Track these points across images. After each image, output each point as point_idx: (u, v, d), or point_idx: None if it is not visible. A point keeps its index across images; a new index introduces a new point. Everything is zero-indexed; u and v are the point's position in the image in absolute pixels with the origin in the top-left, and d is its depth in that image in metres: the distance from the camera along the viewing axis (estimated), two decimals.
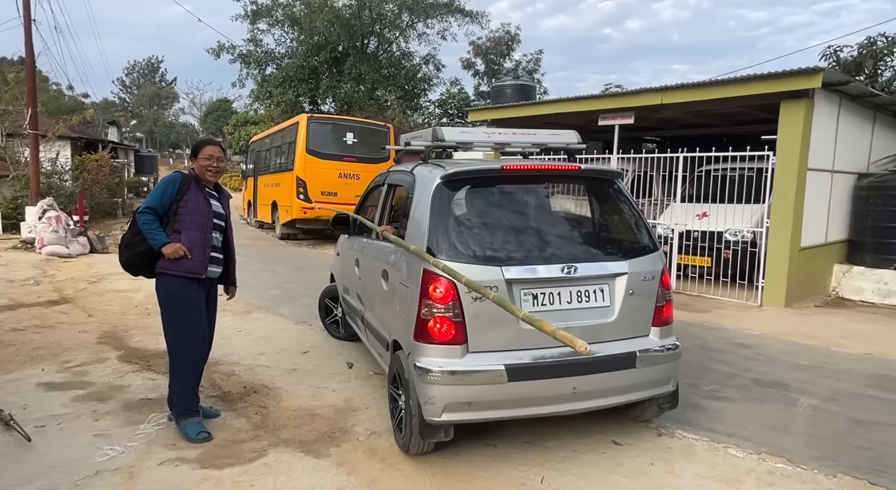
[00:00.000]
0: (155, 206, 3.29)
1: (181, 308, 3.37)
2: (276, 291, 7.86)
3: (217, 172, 3.45)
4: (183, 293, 3.35)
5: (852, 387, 4.41)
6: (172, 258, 3.26)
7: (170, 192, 3.31)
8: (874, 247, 8.15)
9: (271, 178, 16.02)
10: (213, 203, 3.46)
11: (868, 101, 8.50)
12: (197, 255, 3.34)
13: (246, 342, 5.33)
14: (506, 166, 3.18)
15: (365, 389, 4.19)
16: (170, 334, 3.41)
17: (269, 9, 23.49)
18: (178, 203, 3.33)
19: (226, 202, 3.59)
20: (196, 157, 3.43)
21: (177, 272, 3.31)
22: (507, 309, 2.60)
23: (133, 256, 3.38)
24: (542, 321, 2.39)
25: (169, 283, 3.34)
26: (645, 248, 3.25)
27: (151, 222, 3.28)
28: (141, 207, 3.33)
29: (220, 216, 3.52)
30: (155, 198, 3.31)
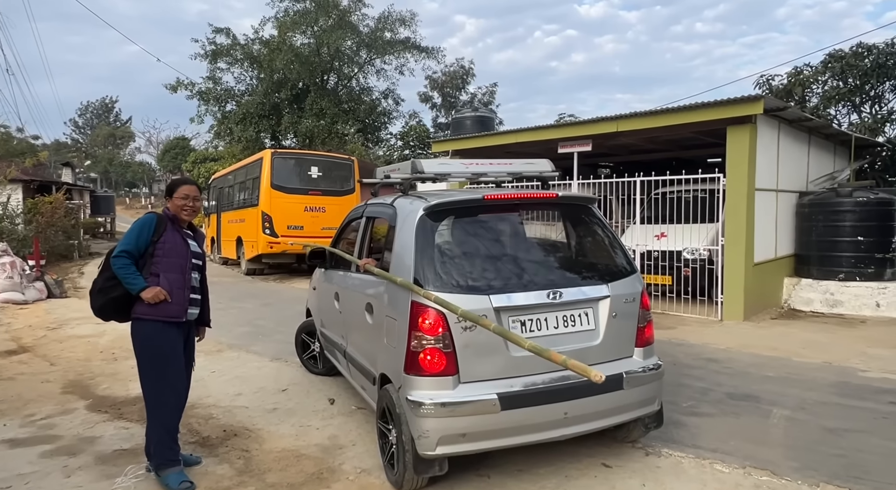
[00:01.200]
0: (130, 249, 3.19)
1: (160, 355, 3.24)
2: (247, 328, 7.69)
3: (193, 212, 3.39)
4: (162, 339, 3.23)
5: (818, 395, 4.59)
6: (152, 303, 3.16)
7: (146, 234, 3.22)
8: (819, 260, 8.59)
9: (235, 214, 15.81)
10: (191, 243, 3.40)
11: (803, 125, 9.08)
12: (177, 297, 3.24)
13: (221, 383, 5.19)
14: (487, 196, 3.26)
15: (349, 425, 4.13)
16: (147, 382, 3.26)
17: (228, 48, 23.55)
18: (155, 245, 3.24)
19: (201, 241, 3.54)
20: (171, 196, 3.36)
21: (156, 317, 3.19)
22: (510, 339, 2.62)
23: (107, 302, 3.23)
24: (550, 351, 2.41)
25: (147, 328, 3.21)
26: (624, 271, 3.36)
27: (128, 266, 3.17)
28: (115, 251, 3.21)
29: (199, 256, 3.46)
30: (130, 240, 3.20)
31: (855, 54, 12.95)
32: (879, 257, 8.17)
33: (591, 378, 2.09)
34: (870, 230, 8.14)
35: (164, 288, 3.18)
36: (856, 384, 4.88)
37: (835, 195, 8.39)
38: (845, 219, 8.24)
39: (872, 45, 12.98)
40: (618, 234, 3.59)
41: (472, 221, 3.33)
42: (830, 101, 13.20)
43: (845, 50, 13.30)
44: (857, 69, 12.65)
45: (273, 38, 22.83)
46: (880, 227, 8.18)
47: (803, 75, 13.74)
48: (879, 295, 7.96)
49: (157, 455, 3.26)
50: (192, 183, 3.45)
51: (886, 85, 12.91)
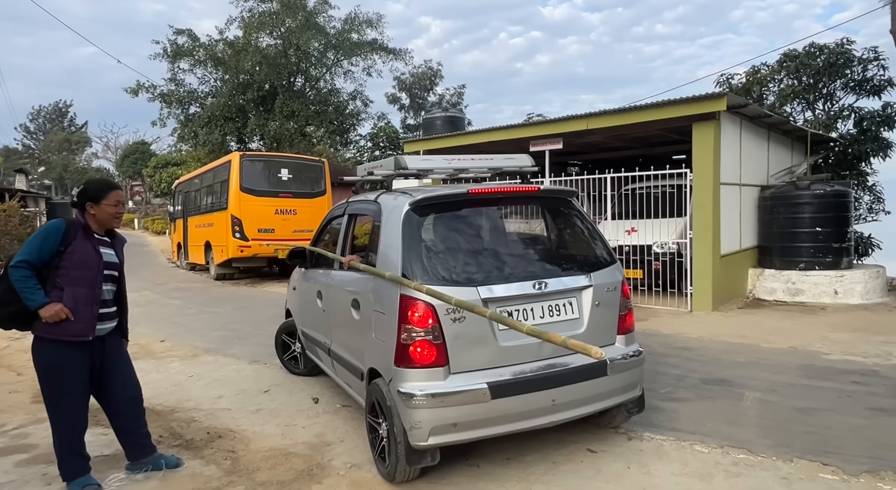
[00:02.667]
0: (32, 259, 2.89)
1: (60, 378, 2.99)
2: (222, 333, 7.58)
3: (120, 219, 3.17)
4: (63, 360, 2.97)
5: (787, 378, 4.80)
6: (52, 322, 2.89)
7: (51, 243, 2.93)
8: (781, 251, 8.94)
9: (203, 218, 15.52)
10: (105, 251, 3.12)
11: (762, 122, 9.43)
12: (82, 314, 2.96)
13: (200, 387, 5.12)
14: (471, 190, 3.32)
15: (336, 422, 4.13)
16: (48, 402, 3.05)
17: (190, 49, 23.06)
18: (62, 255, 2.94)
19: (120, 248, 3.26)
20: (98, 202, 3.05)
21: (57, 336, 2.92)
22: (508, 324, 2.67)
23: (5, 316, 2.96)
24: (548, 333, 2.47)
25: (46, 349, 2.96)
26: (604, 261, 3.46)
27: (27, 279, 2.87)
28: (14, 260, 2.90)
29: (114, 266, 3.18)
30: (32, 249, 2.90)
31: (808, 54, 13.48)
32: (836, 247, 8.55)
33: (591, 356, 2.17)
34: (827, 221, 8.51)
35: (68, 304, 2.91)
36: (820, 366, 5.11)
37: (794, 188, 8.74)
38: (804, 211, 8.60)
39: (824, 45, 13.53)
40: (597, 226, 3.70)
41: (457, 215, 3.38)
42: (786, 98, 13.70)
43: (799, 50, 13.85)
44: (810, 68, 13.17)
45: (238, 39, 22.47)
46: (836, 218, 8.56)
47: (760, 74, 14.24)
48: (837, 283, 8.33)
49: (62, 468, 3.13)
50: (118, 187, 3.25)
51: (837, 83, 13.47)
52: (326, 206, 14.51)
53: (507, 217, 3.68)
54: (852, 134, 12.73)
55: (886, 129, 12.52)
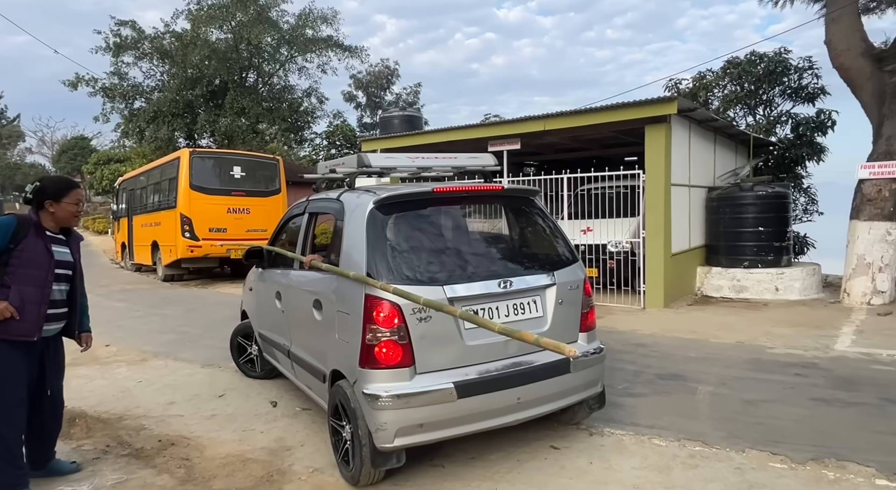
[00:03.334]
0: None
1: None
2: (172, 336, 7.30)
3: (79, 217, 3.11)
4: (3, 360, 2.85)
5: (736, 372, 5.00)
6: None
7: (0, 240, 2.83)
8: (727, 249, 9.31)
9: (150, 217, 14.93)
10: (58, 250, 3.03)
11: (709, 125, 9.81)
12: (29, 314, 2.87)
13: (150, 392, 4.91)
14: (436, 189, 3.31)
15: (295, 426, 4.04)
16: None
17: (135, 41, 22.13)
18: (11, 253, 2.86)
19: (76, 246, 3.17)
20: (59, 200, 2.98)
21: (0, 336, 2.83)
22: (480, 324, 2.66)
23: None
24: (521, 331, 2.47)
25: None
26: (566, 260, 3.51)
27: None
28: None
29: (67, 265, 3.09)
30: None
31: (749, 61, 14.10)
32: (777, 246, 8.97)
33: (564, 353, 2.18)
34: (769, 221, 8.91)
35: (14, 303, 2.83)
36: (766, 360, 5.34)
37: (739, 190, 9.12)
38: (748, 211, 8.98)
39: (763, 54, 14.20)
40: (559, 225, 3.75)
41: (422, 214, 3.36)
42: (729, 103, 14.28)
43: (741, 57, 14.48)
44: (751, 75, 13.78)
45: (186, 32, 21.71)
46: (777, 218, 8.99)
47: (706, 80, 14.80)
48: (778, 280, 8.74)
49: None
50: (79, 185, 3.17)
51: (776, 90, 14.14)
52: (281, 206, 14.20)
53: (469, 216, 3.68)
54: (790, 139, 13.39)
55: (820, 135, 13.23)
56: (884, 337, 6.08)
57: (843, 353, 5.49)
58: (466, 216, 3.57)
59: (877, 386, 4.50)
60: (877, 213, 7.74)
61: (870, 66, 8.04)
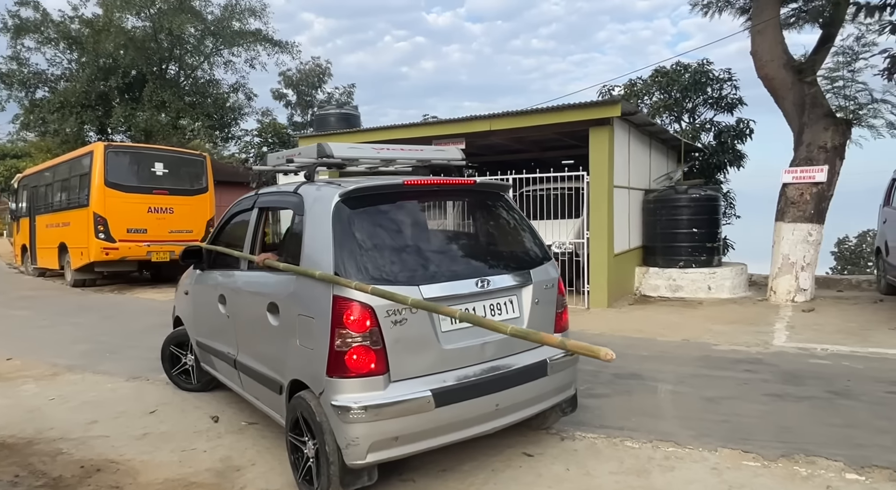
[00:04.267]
0: None
1: None
2: (87, 346, 6.59)
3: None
4: None
5: (690, 370, 5.07)
6: None
7: None
8: (663, 250, 9.61)
9: (56, 216, 13.62)
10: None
11: (646, 130, 10.11)
12: None
13: (66, 411, 4.34)
14: (407, 181, 3.07)
15: (243, 444, 3.66)
16: None
17: (37, 24, 20.26)
18: None
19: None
20: None
21: None
22: (488, 326, 2.46)
23: None
24: (539, 333, 2.29)
25: None
26: (540, 258, 3.37)
27: None
28: None
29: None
30: None
31: (675, 71, 14.78)
32: (709, 246, 9.35)
33: (600, 357, 2.00)
34: (701, 223, 9.27)
35: None
36: (714, 357, 5.47)
37: (674, 192, 9.44)
38: (682, 213, 9.30)
39: (688, 64, 14.95)
40: (530, 222, 3.61)
41: (391, 209, 3.11)
42: (658, 111, 14.91)
43: (667, 67, 15.16)
44: (678, 84, 14.44)
45: (98, 18, 20.12)
46: (709, 219, 9.37)
47: (636, 88, 15.37)
48: (710, 279, 9.11)
49: None
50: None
51: (699, 99, 14.89)
52: (208, 205, 13.37)
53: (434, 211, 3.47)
54: (713, 145, 14.12)
55: (740, 142, 14.05)
56: (814, 332, 6.41)
57: (781, 349, 5.72)
58: (437, 211, 3.36)
59: (820, 379, 4.68)
60: (800, 216, 8.21)
61: (791, 77, 8.54)
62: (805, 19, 9.11)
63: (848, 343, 5.83)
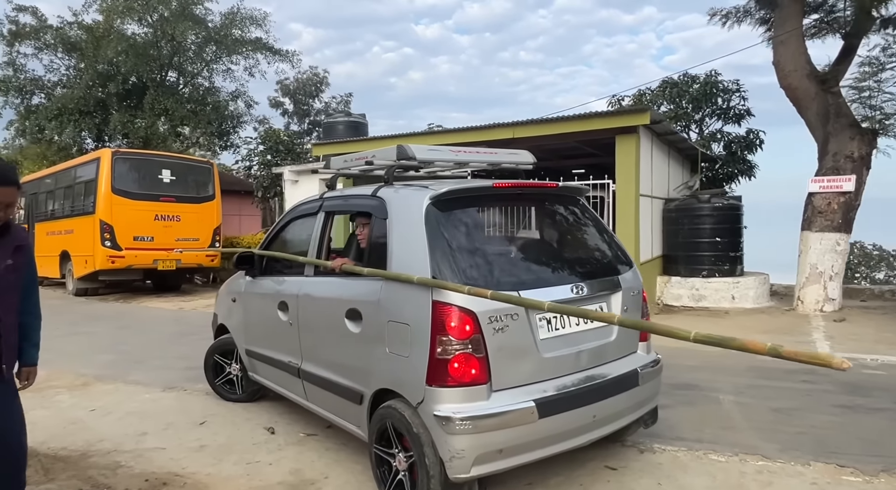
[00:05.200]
0: None
1: None
2: (111, 356, 6.38)
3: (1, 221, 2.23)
4: None
5: (745, 380, 4.98)
6: None
7: None
8: (686, 259, 9.57)
9: (59, 224, 13.36)
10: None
11: (665, 139, 10.11)
12: None
13: (111, 422, 4.15)
14: (496, 184, 2.97)
15: (308, 456, 3.50)
16: None
17: (35, 30, 20.00)
18: None
19: (15, 246, 2.29)
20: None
21: None
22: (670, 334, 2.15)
23: None
24: (753, 341, 1.97)
25: None
26: (626, 264, 3.27)
27: None
28: None
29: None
30: None
31: (684, 82, 14.88)
32: (732, 255, 9.32)
33: (833, 366, 1.68)
34: (724, 232, 9.25)
35: None
36: (765, 367, 5.37)
37: (696, 201, 9.42)
38: (705, 222, 9.28)
39: (696, 76, 15.06)
40: (609, 227, 3.51)
41: (480, 212, 3.00)
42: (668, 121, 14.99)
43: (675, 78, 15.25)
44: (688, 95, 14.51)
45: (98, 24, 19.91)
46: (732, 229, 9.35)
47: (645, 99, 15.42)
48: (734, 289, 9.07)
49: None
50: (10, 182, 2.21)
51: (707, 110, 14.98)
52: (215, 213, 13.17)
53: (516, 214, 3.35)
54: (723, 156, 14.18)
55: (750, 153, 14.12)
56: (854, 342, 6.36)
57: None
58: (519, 215, 3.24)
59: (885, 391, 4.60)
60: (827, 225, 8.21)
61: (815, 86, 8.58)
62: (828, 30, 9.18)
63: (893, 353, 5.78)
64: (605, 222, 3.49)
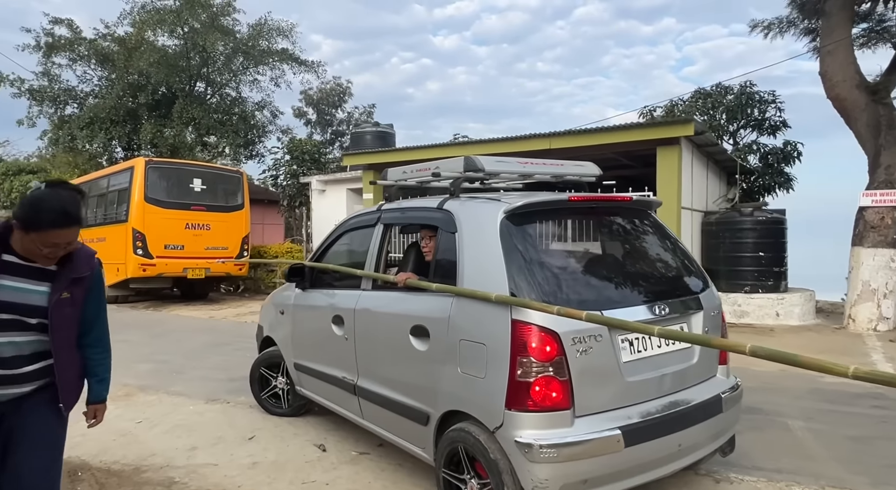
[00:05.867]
0: None
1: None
2: (150, 365, 6.33)
3: (55, 259, 2.03)
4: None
5: (809, 404, 4.74)
6: None
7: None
8: (727, 274, 9.28)
9: (91, 232, 13.45)
10: (18, 285, 2.01)
11: (704, 150, 9.88)
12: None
13: (159, 435, 4.06)
14: (572, 197, 2.83)
15: (364, 476, 3.36)
16: None
17: (70, 42, 20.44)
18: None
19: (67, 280, 2.07)
20: (27, 230, 1.94)
21: None
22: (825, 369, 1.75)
23: None
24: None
25: None
26: (704, 283, 3.10)
27: None
28: None
29: (27, 309, 2.02)
30: None
31: (718, 93, 14.62)
32: (776, 271, 9.03)
33: None
34: (768, 246, 8.97)
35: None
36: (828, 390, 5.12)
37: (738, 214, 9.16)
38: (748, 236, 9.01)
39: (729, 87, 14.79)
40: (683, 243, 3.35)
41: (554, 225, 2.87)
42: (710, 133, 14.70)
43: (707, 88, 15.01)
44: (722, 106, 14.24)
45: (130, 36, 20.28)
46: (776, 243, 9.06)
47: (677, 110, 15.18)
48: (778, 305, 8.77)
49: None
50: (73, 222, 1.98)
51: (742, 122, 14.67)
52: (244, 222, 13.22)
53: (588, 228, 3.21)
54: (759, 167, 13.86)
55: (787, 165, 13.78)
56: None
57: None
58: (591, 229, 3.10)
59: None
60: (880, 240, 7.91)
61: (864, 97, 8.32)
62: (878, 39, 8.92)
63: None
64: (678, 238, 3.32)
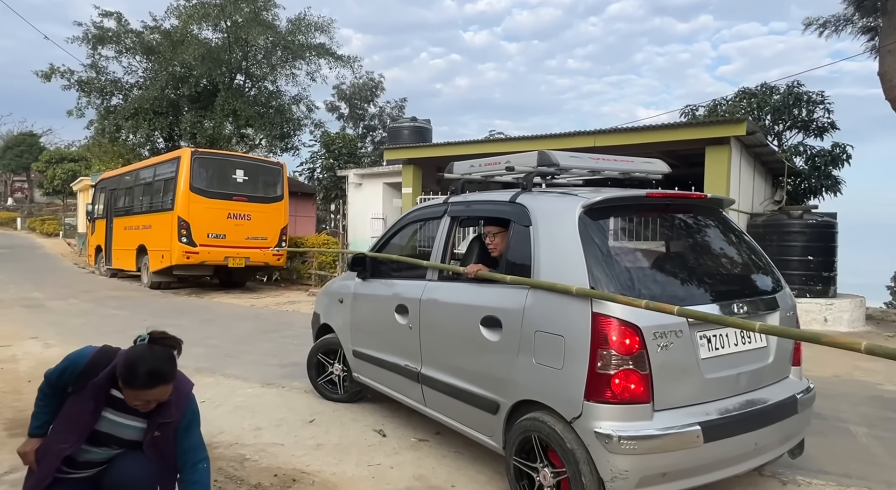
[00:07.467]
0: (52, 379, 2.30)
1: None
2: (202, 349, 6.51)
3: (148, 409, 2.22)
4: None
5: (871, 411, 4.64)
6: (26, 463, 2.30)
7: (66, 377, 2.28)
8: None
9: (137, 219, 13.89)
10: (117, 420, 2.26)
11: (752, 151, 9.69)
12: (44, 468, 2.23)
13: (225, 415, 4.20)
14: (649, 193, 2.83)
15: (427, 462, 3.43)
16: None
17: (117, 35, 21.01)
18: (67, 396, 2.29)
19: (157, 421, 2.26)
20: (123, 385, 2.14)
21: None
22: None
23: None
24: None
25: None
26: (779, 283, 3.08)
27: (41, 397, 2.33)
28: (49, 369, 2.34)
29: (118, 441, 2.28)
30: (56, 370, 2.31)
31: (763, 93, 14.28)
32: (825, 275, 8.82)
33: None
34: (817, 250, 8.76)
35: (41, 449, 2.25)
36: (888, 398, 5.02)
37: (786, 217, 8.97)
38: (796, 239, 8.81)
39: (774, 86, 14.44)
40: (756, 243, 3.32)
41: (630, 221, 2.88)
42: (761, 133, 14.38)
43: (752, 88, 14.67)
44: (768, 106, 13.89)
45: (175, 29, 20.75)
46: (825, 247, 8.85)
47: (721, 109, 14.87)
48: (827, 310, 8.57)
49: None
50: (164, 382, 2.16)
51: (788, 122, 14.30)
52: (283, 213, 13.45)
53: (661, 225, 3.21)
54: (805, 170, 13.52)
55: (835, 168, 13.41)
56: None
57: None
58: (664, 226, 3.10)
59: None
60: None
61: None
62: None
63: None
64: (751, 237, 3.30)
